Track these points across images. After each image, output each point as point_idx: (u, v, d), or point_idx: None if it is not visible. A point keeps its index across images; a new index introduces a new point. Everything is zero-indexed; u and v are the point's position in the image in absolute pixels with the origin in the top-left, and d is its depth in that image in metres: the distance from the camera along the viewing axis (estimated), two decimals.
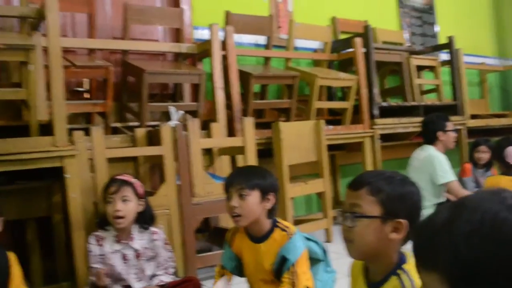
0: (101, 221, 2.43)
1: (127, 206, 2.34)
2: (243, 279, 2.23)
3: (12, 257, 2.11)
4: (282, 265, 2.01)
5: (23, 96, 2.38)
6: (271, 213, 2.08)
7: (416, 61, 4.86)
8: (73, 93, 3.57)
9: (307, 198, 4.83)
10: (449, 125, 3.74)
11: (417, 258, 0.81)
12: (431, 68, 5.27)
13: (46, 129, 2.55)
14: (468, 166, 4.44)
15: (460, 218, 0.75)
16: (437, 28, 6.01)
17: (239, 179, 2.05)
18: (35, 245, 2.86)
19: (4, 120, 2.82)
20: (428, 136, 3.77)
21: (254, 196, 2.01)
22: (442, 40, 5.65)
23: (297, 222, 3.51)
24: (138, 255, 2.40)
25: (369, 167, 4.21)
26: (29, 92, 2.34)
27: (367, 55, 4.28)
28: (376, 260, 1.34)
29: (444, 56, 5.52)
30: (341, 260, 2.94)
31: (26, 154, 2.28)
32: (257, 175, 2.06)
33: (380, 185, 1.31)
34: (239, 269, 2.20)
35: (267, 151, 3.49)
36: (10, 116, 2.88)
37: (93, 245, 2.37)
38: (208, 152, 3.38)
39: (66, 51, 2.85)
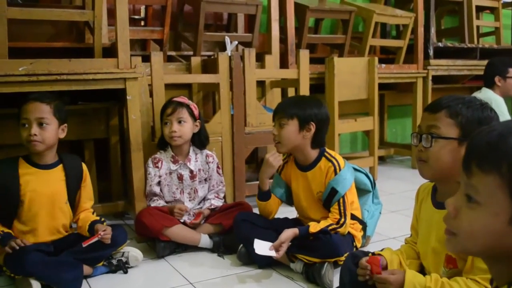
0: (160, 142, 2.53)
1: (183, 127, 2.43)
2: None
3: (85, 167, 2.24)
4: (331, 196, 2.08)
5: (89, 17, 2.42)
6: (315, 142, 2.13)
7: (477, 1, 4.66)
8: (129, 21, 3.62)
9: (353, 136, 4.85)
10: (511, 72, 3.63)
11: (475, 157, 0.76)
12: (492, 10, 5.05)
13: (106, 52, 2.61)
14: None
15: None
16: None
17: (281, 109, 2.14)
18: (91, 165, 3.00)
19: (68, 41, 2.90)
20: (487, 79, 3.68)
21: (291, 125, 2.09)
22: None
23: None
24: (193, 176, 2.50)
25: (419, 109, 4.17)
26: (95, 14, 2.39)
27: None
28: (448, 181, 1.38)
29: None
30: (385, 197, 3.02)
31: (92, 75, 2.35)
32: (299, 105, 2.12)
33: (458, 109, 1.34)
34: (287, 196, 2.29)
35: (317, 86, 3.49)
36: (73, 38, 2.96)
37: (151, 168, 2.49)
38: (260, 84, 3.41)
39: None
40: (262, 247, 2.00)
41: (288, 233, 1.98)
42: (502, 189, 0.72)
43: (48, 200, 2.09)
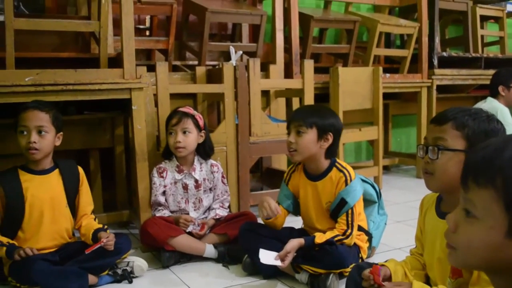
0: (165, 151, 2.53)
1: (187, 138, 2.43)
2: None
3: (81, 170, 2.25)
4: (340, 207, 2.08)
5: (95, 28, 2.44)
6: (329, 152, 2.12)
7: (481, 10, 4.67)
8: (134, 31, 3.63)
9: (357, 145, 4.85)
10: None
11: (471, 172, 0.78)
12: (496, 19, 5.06)
13: (111, 62, 2.62)
14: None
15: None
16: None
17: (299, 116, 2.11)
18: (96, 174, 3.02)
19: (74, 51, 2.92)
20: (492, 88, 3.72)
21: (310, 134, 2.07)
22: None
23: None
24: (197, 185, 2.50)
25: (424, 118, 4.17)
26: (101, 25, 2.40)
27: (431, 2, 4.15)
28: (454, 192, 1.38)
29: (510, 7, 5.29)
30: (390, 207, 3.01)
31: (98, 85, 2.37)
32: (318, 114, 2.10)
33: (465, 120, 1.35)
34: (294, 207, 2.28)
35: (322, 96, 3.50)
36: (79, 49, 2.98)
37: (156, 178, 2.49)
38: (264, 94, 3.42)
39: None
40: (267, 257, 2.00)
41: (294, 243, 1.97)
42: (498, 203, 0.74)
43: (49, 205, 2.10)
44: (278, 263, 1.96)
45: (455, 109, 1.40)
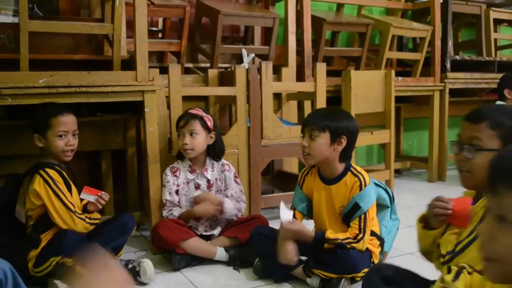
0: (179, 152, 2.54)
1: (194, 140, 2.44)
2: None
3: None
4: (353, 211, 2.07)
5: (109, 31, 2.45)
6: (344, 155, 2.11)
7: (495, 14, 4.63)
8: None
9: (368, 149, 4.82)
10: None
11: (501, 178, 0.77)
12: (509, 23, 5.02)
13: (124, 64, 2.64)
14: None
15: None
16: None
17: (312, 120, 2.10)
18: (108, 176, 3.03)
19: (87, 53, 2.94)
20: (498, 92, 3.73)
21: (323, 138, 2.06)
22: None
23: None
24: (210, 185, 2.51)
25: (436, 122, 4.15)
26: (114, 27, 2.42)
27: (444, 5, 4.12)
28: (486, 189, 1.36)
29: None
30: (401, 211, 2.99)
31: (111, 87, 2.38)
32: (331, 117, 2.09)
33: (500, 120, 1.33)
34: (309, 210, 2.26)
35: (334, 99, 3.49)
36: (92, 51, 3.00)
37: (169, 176, 2.50)
38: (276, 96, 3.41)
39: None
40: (284, 213, 2.05)
41: (308, 230, 2.02)
42: None
43: (76, 197, 2.19)
44: (290, 216, 2.05)
45: (490, 108, 1.39)
